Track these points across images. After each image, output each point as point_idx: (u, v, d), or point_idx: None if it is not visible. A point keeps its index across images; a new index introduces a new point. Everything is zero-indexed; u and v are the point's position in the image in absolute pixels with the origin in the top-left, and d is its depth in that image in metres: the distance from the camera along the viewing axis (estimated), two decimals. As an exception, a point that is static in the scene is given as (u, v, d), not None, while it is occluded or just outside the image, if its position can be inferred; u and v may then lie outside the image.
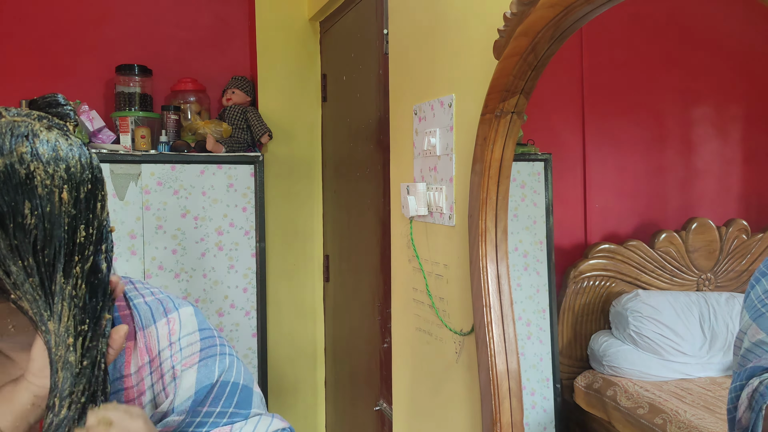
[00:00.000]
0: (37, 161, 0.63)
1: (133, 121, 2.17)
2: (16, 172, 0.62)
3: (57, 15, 2.26)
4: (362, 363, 2.06)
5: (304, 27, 2.48)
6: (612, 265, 1.80)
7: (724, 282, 1.92)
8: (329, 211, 2.45)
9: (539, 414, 1.57)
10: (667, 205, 1.80)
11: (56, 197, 0.64)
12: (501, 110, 1.10)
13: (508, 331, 1.15)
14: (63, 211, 0.64)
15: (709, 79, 1.69)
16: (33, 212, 0.62)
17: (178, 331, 0.80)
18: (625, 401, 1.70)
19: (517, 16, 1.01)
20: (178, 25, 2.42)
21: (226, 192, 2.22)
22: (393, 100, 1.70)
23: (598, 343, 1.83)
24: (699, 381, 1.74)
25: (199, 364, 0.79)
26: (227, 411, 0.80)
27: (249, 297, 2.26)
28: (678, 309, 1.84)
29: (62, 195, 0.64)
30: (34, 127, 0.65)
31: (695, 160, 1.75)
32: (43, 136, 0.65)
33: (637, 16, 1.57)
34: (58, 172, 0.64)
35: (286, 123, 2.44)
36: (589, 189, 1.64)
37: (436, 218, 1.42)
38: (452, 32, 1.35)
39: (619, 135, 1.66)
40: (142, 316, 0.79)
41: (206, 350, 0.81)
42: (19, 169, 0.62)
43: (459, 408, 1.37)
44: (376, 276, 1.91)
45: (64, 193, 0.64)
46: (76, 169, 0.66)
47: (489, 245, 1.16)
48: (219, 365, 0.81)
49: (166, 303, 0.82)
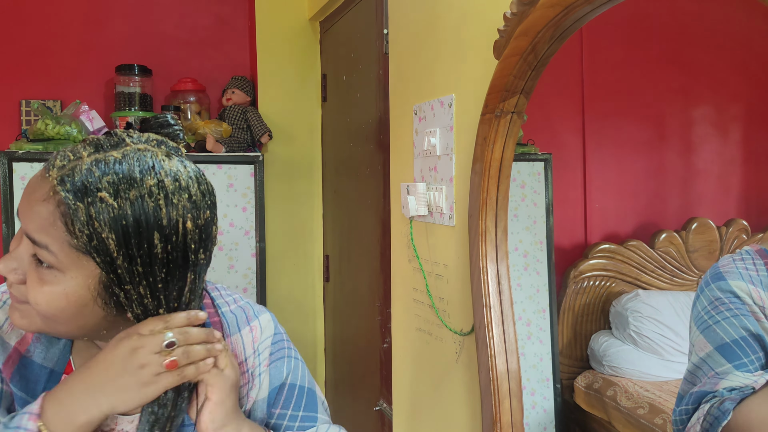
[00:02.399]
0: (163, 192, 0.65)
1: (133, 122, 2.17)
2: (146, 204, 0.63)
3: (57, 15, 2.26)
4: (362, 363, 2.06)
5: (304, 27, 2.48)
6: (612, 265, 1.80)
7: (724, 282, 1.92)
8: (329, 211, 2.45)
9: (539, 414, 1.57)
10: (667, 205, 1.80)
11: (180, 226, 0.66)
12: (501, 110, 1.10)
13: (508, 331, 1.15)
14: (187, 239, 0.67)
15: (710, 79, 1.69)
16: (160, 242, 0.65)
17: (260, 338, 0.83)
18: (626, 401, 1.70)
19: (517, 16, 1.01)
20: (178, 25, 2.42)
21: (226, 192, 2.22)
22: (393, 100, 1.70)
23: (598, 343, 1.83)
24: (699, 381, 1.73)
25: (271, 366, 0.82)
26: (298, 414, 0.82)
27: (249, 297, 2.26)
28: (678, 309, 1.84)
29: (186, 224, 0.66)
30: (158, 157, 0.67)
31: (695, 160, 1.75)
32: (167, 165, 0.67)
33: (637, 16, 1.57)
34: (181, 202, 0.66)
35: (286, 123, 2.44)
36: (589, 189, 1.64)
37: (436, 218, 1.42)
38: (452, 32, 1.35)
39: (620, 135, 1.66)
40: (229, 323, 0.81)
41: (276, 353, 0.83)
42: (148, 202, 0.64)
43: (459, 408, 1.37)
44: (376, 276, 1.91)
45: (188, 222, 0.67)
46: (197, 197, 0.68)
47: (489, 245, 1.16)
48: (286, 366, 0.83)
49: (248, 311, 0.84)
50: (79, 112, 2.09)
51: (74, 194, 0.62)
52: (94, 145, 0.66)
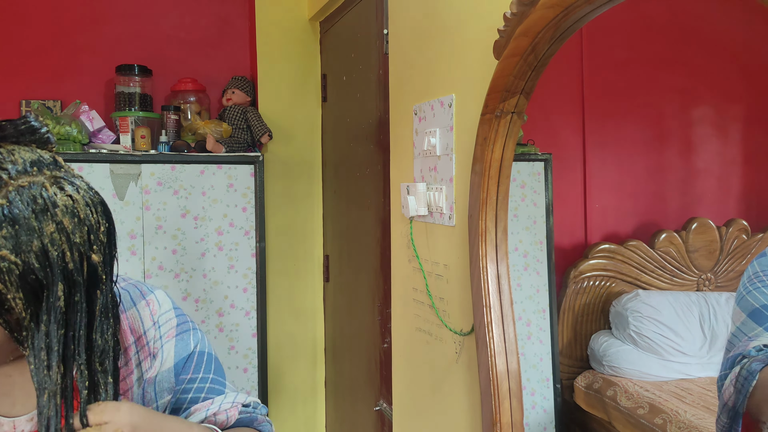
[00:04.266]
0: (64, 235, 0.61)
1: (133, 121, 2.17)
2: (48, 254, 0.60)
3: (57, 15, 2.26)
4: (362, 363, 2.06)
5: (304, 27, 2.48)
6: (612, 265, 1.80)
7: (724, 282, 1.92)
8: (329, 211, 2.45)
9: (539, 414, 1.57)
10: (667, 205, 1.80)
11: (86, 263, 0.63)
12: (501, 110, 1.10)
13: (508, 331, 1.15)
14: (96, 270, 0.65)
15: (710, 79, 1.69)
16: (64, 290, 0.61)
17: (158, 311, 0.85)
18: (625, 401, 1.70)
19: (517, 17, 1.01)
20: (178, 25, 2.42)
21: (226, 192, 2.22)
22: (393, 100, 1.70)
23: (598, 343, 1.83)
24: (699, 381, 1.74)
25: (177, 338, 0.85)
26: (208, 377, 0.86)
27: (249, 297, 2.26)
28: (678, 309, 1.84)
29: (92, 258, 0.64)
30: (48, 191, 0.61)
31: (695, 160, 1.75)
32: (60, 200, 0.61)
33: (638, 17, 1.57)
34: (83, 237, 0.63)
35: (286, 123, 2.44)
36: (589, 189, 1.64)
37: (436, 218, 1.42)
38: (452, 32, 1.35)
39: (619, 135, 1.66)
40: (122, 300, 0.82)
41: (181, 325, 0.87)
42: (51, 251, 0.60)
43: (459, 408, 1.37)
44: (376, 276, 1.91)
45: (94, 256, 0.64)
46: (95, 223, 0.65)
47: (489, 245, 1.16)
48: (193, 338, 0.87)
49: (140, 287, 0.87)
50: (79, 112, 2.09)
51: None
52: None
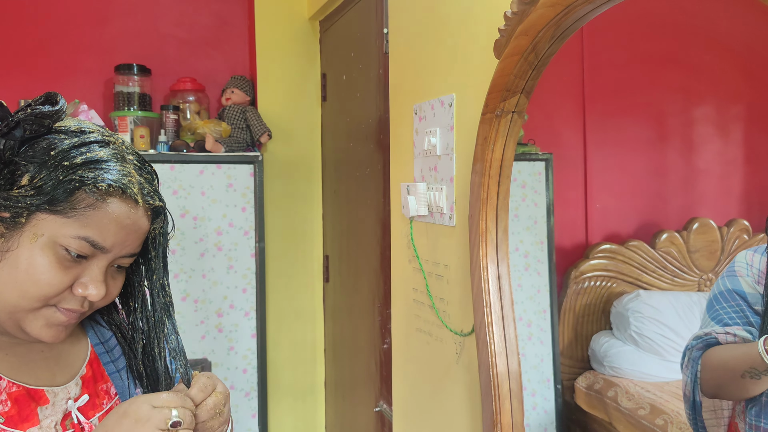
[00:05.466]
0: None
1: (132, 121, 2.16)
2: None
3: (57, 15, 2.25)
4: (362, 364, 2.06)
5: (303, 26, 2.47)
6: (613, 266, 1.79)
7: (725, 282, 1.91)
8: (329, 211, 2.44)
9: (540, 415, 1.56)
10: (668, 205, 1.79)
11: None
12: (501, 110, 1.10)
13: (509, 332, 1.14)
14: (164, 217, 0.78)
15: (711, 79, 1.69)
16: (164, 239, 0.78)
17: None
18: (626, 402, 1.69)
19: (518, 16, 1.00)
20: (178, 24, 2.41)
21: (226, 192, 2.21)
22: (393, 99, 1.69)
23: (599, 343, 1.82)
24: (700, 382, 1.73)
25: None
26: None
27: (248, 297, 2.26)
28: (679, 309, 1.83)
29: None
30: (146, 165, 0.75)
31: (696, 160, 1.74)
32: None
33: (638, 16, 1.56)
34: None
35: (285, 123, 2.44)
36: (589, 189, 1.63)
37: (436, 218, 1.42)
38: (452, 31, 1.34)
39: (620, 135, 1.65)
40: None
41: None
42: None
43: (459, 409, 1.36)
44: (376, 276, 1.90)
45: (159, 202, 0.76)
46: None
47: (490, 245, 1.15)
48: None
49: None
50: (78, 111, 2.08)
51: (155, 216, 0.74)
52: (135, 156, 0.74)
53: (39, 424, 0.70)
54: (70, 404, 0.73)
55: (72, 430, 0.72)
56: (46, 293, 0.66)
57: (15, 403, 0.68)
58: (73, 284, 0.68)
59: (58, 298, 0.67)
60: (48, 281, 0.65)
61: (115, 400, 0.78)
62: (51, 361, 0.75)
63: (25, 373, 0.71)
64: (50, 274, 0.65)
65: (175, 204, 2.13)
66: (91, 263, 0.68)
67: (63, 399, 0.73)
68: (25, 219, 0.65)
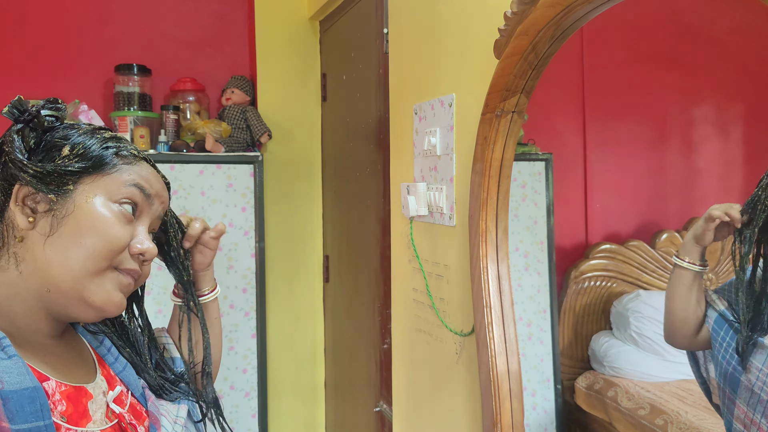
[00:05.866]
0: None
1: (132, 121, 2.16)
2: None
3: (56, 14, 2.25)
4: (362, 364, 2.06)
5: (303, 26, 2.47)
6: (613, 266, 1.79)
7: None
8: (329, 211, 2.44)
9: (540, 415, 1.56)
10: (668, 205, 1.79)
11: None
12: (501, 110, 1.10)
13: (509, 332, 1.14)
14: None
15: (711, 79, 1.69)
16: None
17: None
18: (626, 402, 1.69)
19: (518, 15, 1.00)
20: (178, 24, 2.41)
21: (226, 192, 2.21)
22: (393, 99, 1.69)
23: (599, 343, 1.82)
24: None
25: None
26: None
27: (248, 297, 2.25)
28: (679, 309, 1.83)
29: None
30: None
31: (696, 159, 1.74)
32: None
33: (638, 16, 1.56)
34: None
35: (285, 123, 2.44)
36: (590, 189, 1.63)
37: (436, 218, 1.41)
38: (452, 31, 1.34)
39: (620, 134, 1.65)
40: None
41: None
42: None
43: (459, 409, 1.36)
44: (376, 276, 1.90)
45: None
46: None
47: (490, 245, 1.15)
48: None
49: None
50: (78, 111, 2.08)
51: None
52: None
53: (92, 419, 0.71)
54: (108, 396, 0.76)
55: (117, 420, 0.74)
56: (114, 246, 0.71)
57: (69, 402, 0.69)
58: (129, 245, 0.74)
59: (120, 258, 0.72)
60: (114, 233, 0.71)
61: (129, 394, 0.80)
62: (79, 360, 0.76)
63: (64, 372, 0.72)
64: (115, 227, 0.71)
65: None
66: (137, 226, 0.75)
67: (100, 393, 0.75)
68: (73, 186, 0.70)
